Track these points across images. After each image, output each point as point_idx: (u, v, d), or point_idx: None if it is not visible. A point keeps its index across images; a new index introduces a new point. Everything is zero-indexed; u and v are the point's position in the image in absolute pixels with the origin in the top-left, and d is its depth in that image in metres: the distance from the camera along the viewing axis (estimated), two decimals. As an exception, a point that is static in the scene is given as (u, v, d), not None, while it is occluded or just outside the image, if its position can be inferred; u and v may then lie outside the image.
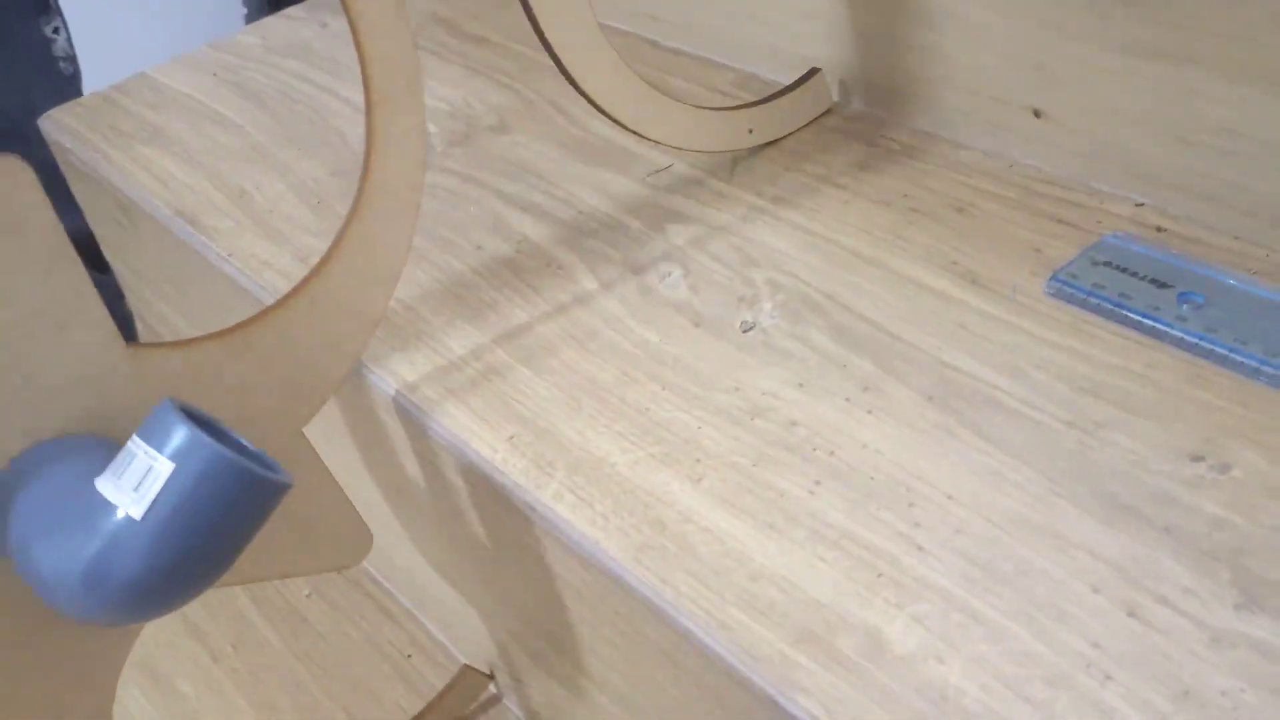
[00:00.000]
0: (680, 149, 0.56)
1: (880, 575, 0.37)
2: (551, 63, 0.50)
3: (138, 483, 0.34)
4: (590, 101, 0.51)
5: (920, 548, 0.37)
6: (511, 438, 0.44)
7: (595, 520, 0.41)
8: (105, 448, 0.39)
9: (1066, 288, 0.45)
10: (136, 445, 0.34)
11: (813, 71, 0.58)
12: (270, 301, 0.55)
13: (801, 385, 0.44)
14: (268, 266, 0.57)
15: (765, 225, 0.52)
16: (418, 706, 0.59)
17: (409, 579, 0.62)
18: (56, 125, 0.72)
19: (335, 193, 0.61)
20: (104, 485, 0.35)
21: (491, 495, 0.44)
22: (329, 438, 0.55)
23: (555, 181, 0.59)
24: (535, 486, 0.42)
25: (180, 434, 0.34)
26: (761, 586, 0.37)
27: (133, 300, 0.79)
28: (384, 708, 0.60)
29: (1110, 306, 0.44)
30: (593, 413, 0.45)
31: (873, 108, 0.58)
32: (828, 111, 0.59)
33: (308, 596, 0.66)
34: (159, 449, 0.34)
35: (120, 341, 0.39)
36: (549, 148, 0.62)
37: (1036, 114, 0.51)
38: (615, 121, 0.52)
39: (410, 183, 0.46)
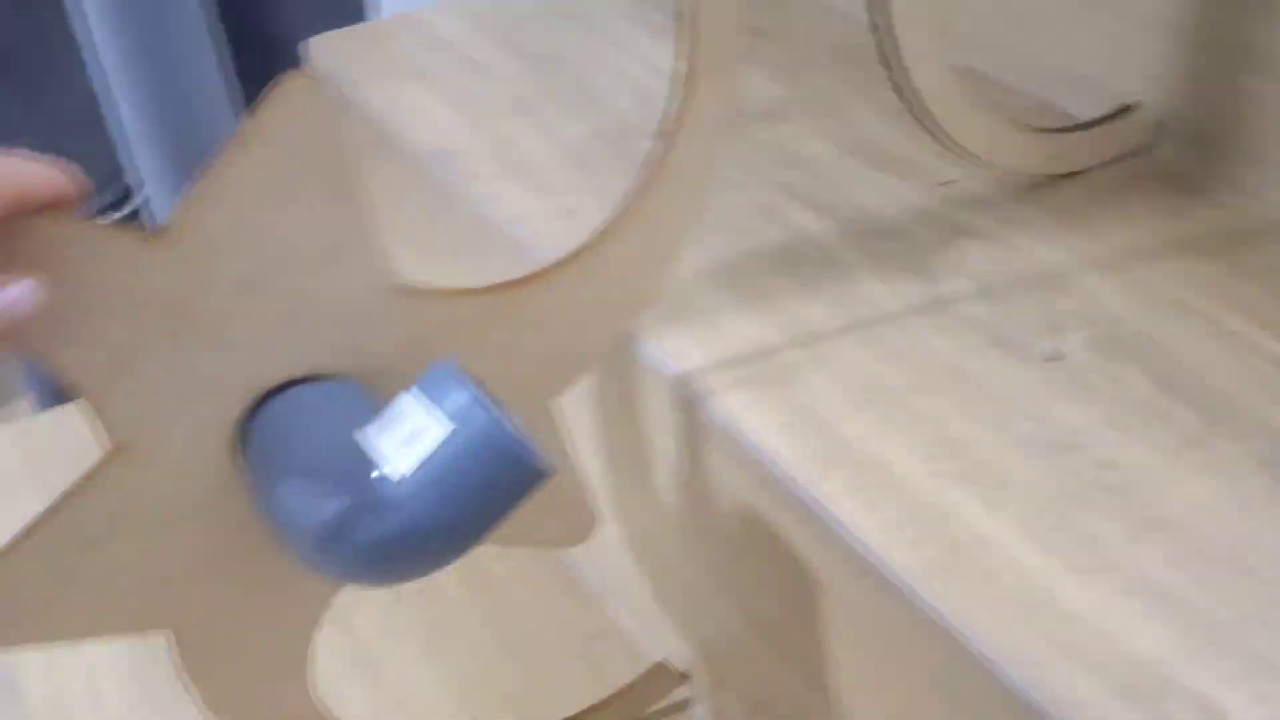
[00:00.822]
0: (983, 159, 0.52)
1: (1215, 643, 0.33)
2: (830, 62, 0.47)
3: (406, 440, 0.31)
4: (903, 83, 0.48)
5: (1265, 624, 0.33)
6: (787, 426, 0.42)
7: (881, 527, 0.37)
8: (359, 394, 0.36)
9: None
10: (411, 401, 0.32)
11: (1127, 107, 0.54)
12: (524, 252, 0.54)
13: (1116, 427, 0.40)
14: (526, 218, 0.55)
15: (1070, 256, 0.49)
16: (596, 691, 0.56)
17: (607, 560, 0.60)
18: (322, 50, 0.72)
19: (597, 155, 0.60)
20: (365, 439, 0.32)
21: (760, 485, 0.41)
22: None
23: (831, 179, 0.56)
24: (813, 482, 0.39)
25: (462, 396, 0.31)
26: (1074, 631, 0.34)
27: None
28: (559, 685, 0.57)
29: None
30: (879, 416, 0.42)
31: (1188, 155, 0.54)
32: (1136, 153, 0.55)
33: (497, 559, 0.64)
34: (437, 408, 0.31)
35: (389, 280, 0.36)
36: (823, 145, 0.59)
37: (1394, 184, 0.46)
38: (923, 110, 0.49)
39: (708, 162, 0.43)
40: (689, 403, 0.44)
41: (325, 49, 0.72)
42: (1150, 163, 0.55)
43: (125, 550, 0.36)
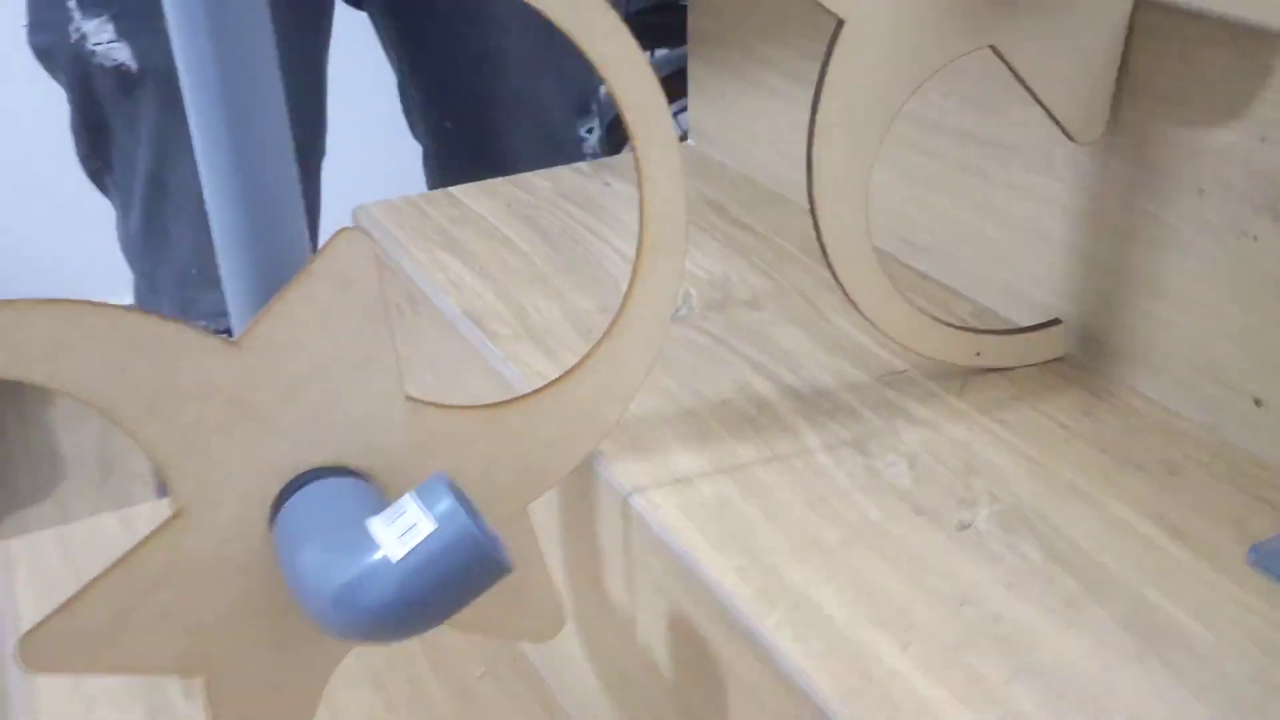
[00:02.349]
0: (909, 349, 0.62)
1: (1065, 768, 0.41)
2: (805, 258, 0.57)
3: (402, 532, 0.41)
4: (838, 281, 0.58)
5: (1105, 754, 0.41)
6: (740, 569, 0.50)
7: (809, 656, 0.46)
8: (368, 490, 0.46)
9: (1265, 561, 0.49)
10: (410, 501, 0.42)
11: (1054, 321, 0.64)
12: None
13: (1009, 586, 0.49)
14: (540, 376, 0.65)
15: (988, 442, 0.58)
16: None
17: (576, 681, 0.67)
18: (370, 215, 0.83)
19: (602, 326, 0.69)
20: (374, 525, 0.42)
21: (711, 615, 0.50)
22: (543, 522, 0.62)
23: (798, 361, 0.66)
24: (759, 616, 0.48)
25: (447, 503, 0.41)
26: (955, 750, 0.42)
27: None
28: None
29: (1307, 586, 0.48)
30: (815, 565, 0.50)
31: (1097, 362, 0.64)
32: (1058, 358, 0.65)
33: (480, 677, 0.72)
34: (428, 510, 0.41)
35: (402, 392, 0.47)
36: (795, 331, 0.69)
37: (1257, 403, 0.56)
38: (854, 305, 0.59)
39: (658, 321, 0.54)
40: (648, 530, 0.53)
41: (372, 214, 0.83)
42: (1068, 367, 0.65)
43: (176, 598, 0.45)
